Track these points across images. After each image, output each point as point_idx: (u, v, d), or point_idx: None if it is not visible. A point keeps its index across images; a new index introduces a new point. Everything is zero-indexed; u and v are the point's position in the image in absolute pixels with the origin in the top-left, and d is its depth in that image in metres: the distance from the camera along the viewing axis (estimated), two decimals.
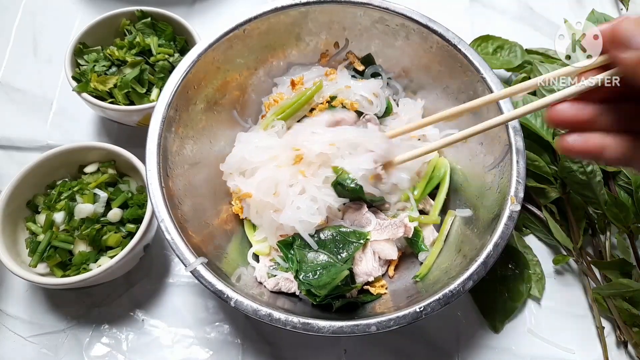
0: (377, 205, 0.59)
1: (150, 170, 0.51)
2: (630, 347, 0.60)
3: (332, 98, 0.61)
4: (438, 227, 0.60)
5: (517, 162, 0.51)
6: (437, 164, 0.61)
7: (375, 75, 0.66)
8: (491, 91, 0.54)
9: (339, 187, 0.54)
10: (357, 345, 0.60)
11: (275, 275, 0.55)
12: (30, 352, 0.59)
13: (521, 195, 0.50)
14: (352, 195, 0.55)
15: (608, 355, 0.59)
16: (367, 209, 0.56)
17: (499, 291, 0.62)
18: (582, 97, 0.41)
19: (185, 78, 0.55)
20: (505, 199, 0.50)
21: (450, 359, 0.60)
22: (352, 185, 0.54)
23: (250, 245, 0.59)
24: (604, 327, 0.61)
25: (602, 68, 0.39)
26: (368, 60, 0.66)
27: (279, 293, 0.55)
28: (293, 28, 0.62)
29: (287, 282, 0.55)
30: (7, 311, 0.61)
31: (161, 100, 0.54)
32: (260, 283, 0.56)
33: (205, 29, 0.67)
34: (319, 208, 0.54)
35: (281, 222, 0.54)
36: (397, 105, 0.66)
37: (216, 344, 0.60)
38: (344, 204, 0.56)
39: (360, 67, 0.65)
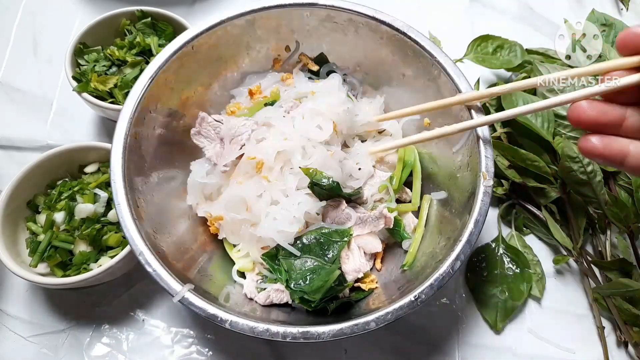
0: (354, 200, 0.59)
1: (119, 204, 0.49)
2: (630, 347, 0.60)
3: None
4: (416, 214, 0.60)
5: (482, 138, 0.51)
6: (405, 152, 0.61)
7: (330, 73, 0.65)
8: (447, 73, 0.55)
9: (316, 187, 0.54)
10: (357, 345, 0.60)
11: (264, 289, 0.54)
12: (30, 352, 0.59)
13: (492, 170, 0.50)
14: (330, 193, 0.55)
15: (608, 355, 0.59)
16: (346, 205, 0.56)
17: (499, 290, 0.62)
18: (607, 97, 0.39)
19: (140, 104, 0.53)
20: (477, 176, 0.50)
21: (450, 359, 0.60)
22: (329, 182, 0.53)
23: (233, 263, 0.58)
24: (604, 327, 0.61)
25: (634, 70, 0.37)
26: (321, 60, 0.65)
27: (271, 306, 0.54)
28: (241, 38, 0.61)
29: (278, 293, 0.54)
30: (7, 311, 0.61)
31: (119, 130, 0.52)
32: (251, 299, 0.55)
33: None
34: (296, 216, 0.53)
35: (260, 235, 0.53)
36: (357, 100, 0.66)
37: (216, 344, 0.60)
38: (322, 206, 0.55)
39: (315, 67, 0.65)
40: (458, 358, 0.60)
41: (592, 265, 0.62)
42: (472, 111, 0.52)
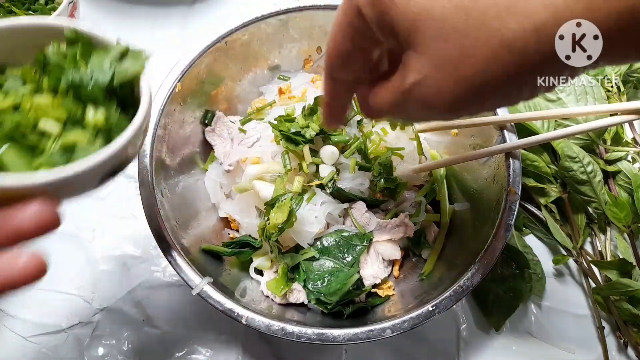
0: (377, 205, 0.58)
1: (144, 193, 0.50)
2: (630, 348, 0.60)
3: None
4: (437, 223, 0.60)
5: (512, 153, 0.51)
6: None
7: None
8: None
9: (337, 192, 0.54)
10: (357, 345, 0.60)
11: None
12: (30, 352, 0.59)
13: (519, 185, 0.50)
14: (351, 197, 0.55)
15: (608, 355, 0.59)
16: (366, 208, 0.56)
17: (499, 290, 0.62)
18: None
19: (171, 96, 0.54)
20: (503, 190, 0.50)
21: (450, 358, 0.60)
22: (333, 187, 0.53)
23: (251, 260, 0.58)
24: (604, 327, 0.61)
25: None
26: None
27: (287, 305, 0.55)
28: (274, 36, 0.61)
29: (295, 292, 0.54)
30: (7, 311, 0.61)
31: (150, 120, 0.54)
32: (267, 297, 0.55)
33: (205, 28, 0.67)
34: (318, 216, 0.53)
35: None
36: None
37: (216, 344, 0.60)
38: (344, 208, 0.55)
39: None
40: (458, 358, 0.60)
41: (592, 265, 0.62)
42: (505, 131, 0.53)
